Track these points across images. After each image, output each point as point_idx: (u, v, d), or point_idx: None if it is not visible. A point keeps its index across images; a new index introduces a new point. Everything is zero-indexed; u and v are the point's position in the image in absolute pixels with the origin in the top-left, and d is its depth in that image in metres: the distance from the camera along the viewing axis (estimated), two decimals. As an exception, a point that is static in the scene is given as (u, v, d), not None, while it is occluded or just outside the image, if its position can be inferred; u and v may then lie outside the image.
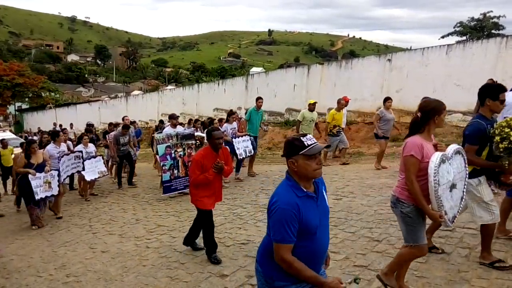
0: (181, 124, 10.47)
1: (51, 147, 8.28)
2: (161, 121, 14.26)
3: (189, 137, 8.44)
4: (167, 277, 4.42)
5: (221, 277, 4.20)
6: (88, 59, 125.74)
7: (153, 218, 6.93)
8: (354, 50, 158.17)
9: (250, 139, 9.14)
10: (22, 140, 13.75)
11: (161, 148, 8.09)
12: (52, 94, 42.96)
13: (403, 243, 3.30)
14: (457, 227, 4.62)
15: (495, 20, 32.48)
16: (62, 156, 8.25)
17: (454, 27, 34.07)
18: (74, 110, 32.73)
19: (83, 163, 8.85)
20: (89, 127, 13.49)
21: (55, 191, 7.62)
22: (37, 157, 7.50)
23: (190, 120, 12.49)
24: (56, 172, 7.75)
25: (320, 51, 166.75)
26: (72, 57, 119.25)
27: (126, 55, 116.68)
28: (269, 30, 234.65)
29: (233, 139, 8.78)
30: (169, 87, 48.75)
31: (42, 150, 8.11)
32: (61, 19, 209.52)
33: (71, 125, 23.09)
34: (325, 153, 10.17)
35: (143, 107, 26.59)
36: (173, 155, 8.15)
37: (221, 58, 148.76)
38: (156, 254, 5.19)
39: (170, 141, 8.15)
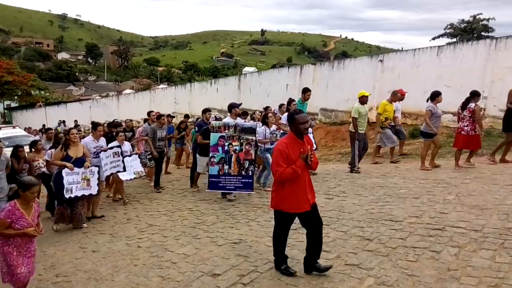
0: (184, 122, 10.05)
1: (89, 140, 7.32)
2: (186, 116, 13.44)
3: (250, 131, 7.20)
4: (159, 277, 4.40)
5: (212, 277, 4.19)
6: (79, 57, 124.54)
7: (144, 217, 6.89)
8: (346, 51, 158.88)
9: None
10: (34, 138, 13.32)
11: (214, 137, 7.08)
12: (42, 92, 42.49)
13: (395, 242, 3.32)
14: (447, 226, 4.67)
15: (485, 22, 32.91)
16: (100, 152, 7.31)
17: (444, 29, 34.50)
18: (64, 109, 32.47)
19: (123, 162, 7.78)
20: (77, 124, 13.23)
21: (94, 190, 6.77)
22: (76, 150, 6.55)
23: (245, 112, 10.21)
24: (97, 169, 6.85)
25: (313, 51, 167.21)
26: (62, 55, 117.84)
27: (118, 53, 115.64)
28: (262, 30, 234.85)
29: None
30: (161, 86, 48.49)
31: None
32: (52, 17, 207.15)
33: (75, 122, 22.86)
34: (377, 148, 9.68)
35: (135, 106, 26.43)
36: (226, 147, 7.09)
37: (214, 58, 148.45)
38: (147, 253, 5.14)
39: (226, 131, 7.09)
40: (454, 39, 30.87)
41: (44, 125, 23.54)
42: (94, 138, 7.34)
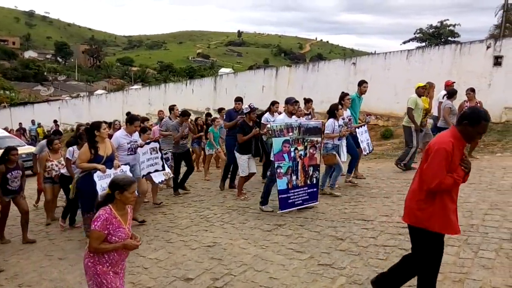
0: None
1: (121, 135, 6.26)
2: (208, 114, 12.01)
3: (315, 131, 6.09)
4: (130, 283, 4.30)
5: (185, 281, 4.16)
6: (48, 56, 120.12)
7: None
8: (322, 53, 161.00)
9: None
10: (19, 142, 12.44)
11: (277, 143, 5.73)
12: (7, 92, 40.90)
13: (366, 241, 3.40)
14: (416, 225, 4.82)
15: (451, 28, 34.16)
16: (136, 148, 6.39)
17: (414, 34, 35.56)
18: (31, 110, 31.28)
19: (162, 160, 6.90)
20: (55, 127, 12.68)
21: None
22: (105, 147, 5.53)
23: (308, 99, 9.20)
24: (127, 168, 5.87)
25: (289, 53, 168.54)
26: (29, 54, 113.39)
27: (89, 53, 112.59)
28: (239, 31, 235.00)
29: (356, 130, 7.21)
30: (135, 86, 47.61)
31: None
32: (18, 13, 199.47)
33: (55, 121, 22.07)
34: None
35: (107, 107, 25.87)
36: (292, 154, 5.84)
37: (190, 58, 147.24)
38: None
39: (290, 134, 5.83)
40: (423, 44, 31.87)
41: (20, 124, 22.57)
42: (127, 133, 6.27)
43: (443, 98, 8.36)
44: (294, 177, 5.84)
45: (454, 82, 9.37)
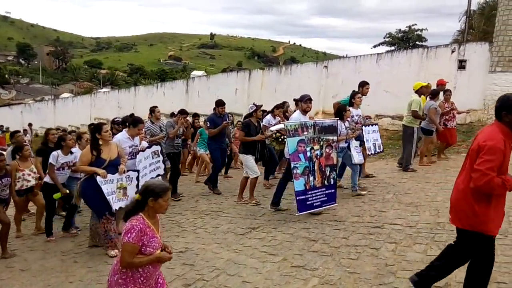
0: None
1: (122, 137, 5.83)
2: (195, 115, 10.99)
3: (331, 130, 5.87)
4: (99, 292, 4.17)
5: None
6: (9, 58, 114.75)
7: (83, 230, 6.34)
8: (295, 56, 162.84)
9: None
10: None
11: (292, 142, 5.50)
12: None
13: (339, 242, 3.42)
14: (386, 223, 4.93)
15: (419, 32, 35.33)
16: (137, 153, 6.03)
17: (384, 38, 36.53)
18: (-9, 114, 29.96)
19: (164, 163, 6.60)
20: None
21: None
22: (109, 150, 5.09)
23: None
24: (135, 174, 5.42)
25: (262, 56, 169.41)
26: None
27: (55, 54, 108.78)
28: (211, 33, 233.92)
29: (362, 127, 7.07)
30: (104, 89, 46.42)
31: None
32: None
33: (30, 125, 20.90)
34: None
35: (74, 111, 25.16)
36: (308, 154, 5.61)
37: (161, 61, 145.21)
38: (85, 268, 4.81)
39: (305, 133, 5.60)
40: (393, 47, 32.79)
41: (2, 126, 21.19)
42: (129, 135, 5.89)
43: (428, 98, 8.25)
44: (311, 178, 5.61)
45: (448, 82, 9.28)
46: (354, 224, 5.09)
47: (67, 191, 5.79)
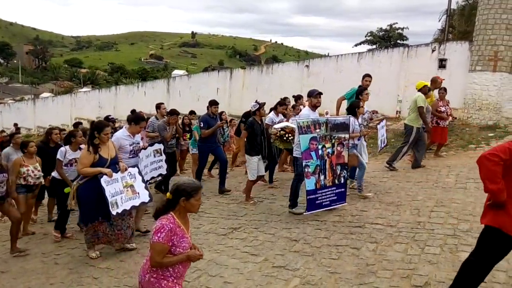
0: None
1: (122, 135, 5.60)
2: (192, 112, 10.35)
3: (343, 127, 5.72)
4: (78, 295, 4.09)
5: (137, 290, 4.00)
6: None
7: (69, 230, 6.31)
8: (277, 55, 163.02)
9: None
10: None
11: (304, 140, 5.33)
12: None
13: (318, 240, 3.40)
14: (367, 223, 4.97)
15: (400, 31, 35.83)
16: (139, 150, 5.81)
17: (365, 36, 36.92)
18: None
19: (166, 162, 6.42)
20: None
21: (144, 197, 5.12)
22: (108, 149, 4.90)
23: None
24: (136, 170, 5.23)
25: (244, 55, 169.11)
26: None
27: (34, 53, 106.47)
28: (193, 32, 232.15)
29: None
30: (84, 89, 45.68)
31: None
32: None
33: (16, 125, 20.14)
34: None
35: (54, 111, 24.66)
36: (320, 152, 5.44)
37: (142, 60, 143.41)
38: (66, 270, 4.75)
39: (318, 130, 5.43)
40: (374, 46, 33.18)
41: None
42: (129, 133, 5.67)
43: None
44: (322, 177, 5.48)
45: (444, 79, 9.19)
46: (335, 223, 5.11)
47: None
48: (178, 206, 2.69)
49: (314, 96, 5.84)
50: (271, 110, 8.03)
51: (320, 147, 5.44)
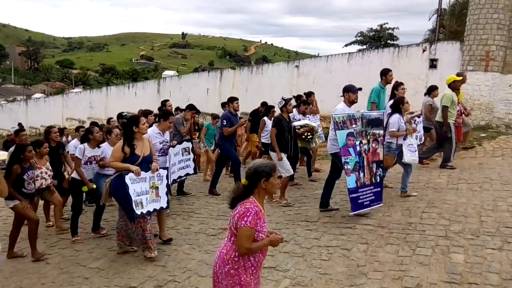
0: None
1: (153, 132, 5.40)
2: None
3: (377, 123, 5.42)
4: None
5: (127, 291, 3.95)
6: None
7: (55, 231, 6.18)
8: (267, 55, 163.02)
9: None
10: None
11: (341, 136, 5.04)
12: None
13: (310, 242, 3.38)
14: (358, 224, 4.94)
15: (390, 31, 36.02)
16: (168, 149, 5.63)
17: (355, 36, 37.04)
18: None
19: (194, 161, 6.21)
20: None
21: (163, 202, 4.84)
22: (143, 146, 4.67)
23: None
24: (165, 172, 4.96)
25: (234, 55, 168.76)
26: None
27: (27, 54, 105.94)
28: (183, 33, 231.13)
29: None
30: (76, 90, 45.48)
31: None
32: None
33: (20, 124, 19.68)
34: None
35: (46, 111, 24.59)
36: (358, 148, 5.16)
37: (133, 60, 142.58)
38: (57, 270, 4.69)
39: (354, 126, 5.15)
40: (364, 46, 33.30)
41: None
42: (160, 130, 5.43)
43: (424, 95, 7.98)
44: (361, 174, 5.19)
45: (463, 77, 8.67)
46: (326, 224, 5.09)
47: (94, 186, 5.47)
48: (257, 189, 2.57)
49: (354, 91, 5.46)
50: (267, 111, 7.85)
51: (357, 143, 5.18)
